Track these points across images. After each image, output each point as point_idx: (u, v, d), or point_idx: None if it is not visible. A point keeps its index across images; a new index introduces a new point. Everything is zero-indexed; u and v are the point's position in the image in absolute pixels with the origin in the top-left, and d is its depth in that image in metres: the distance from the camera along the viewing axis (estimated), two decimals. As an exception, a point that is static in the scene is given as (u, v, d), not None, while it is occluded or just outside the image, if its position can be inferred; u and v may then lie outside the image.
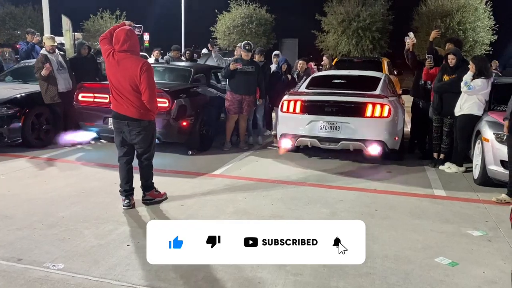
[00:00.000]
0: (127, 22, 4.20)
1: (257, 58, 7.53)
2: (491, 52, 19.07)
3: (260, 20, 21.27)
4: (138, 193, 4.34)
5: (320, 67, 9.52)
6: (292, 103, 6.28)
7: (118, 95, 4.04)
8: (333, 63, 11.48)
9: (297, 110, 6.24)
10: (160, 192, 4.47)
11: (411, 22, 19.13)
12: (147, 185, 4.37)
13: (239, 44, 7.74)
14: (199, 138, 6.59)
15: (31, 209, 4.10)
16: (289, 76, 7.98)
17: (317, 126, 6.07)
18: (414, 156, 6.77)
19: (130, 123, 4.08)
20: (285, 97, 6.49)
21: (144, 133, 4.13)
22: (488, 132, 5.15)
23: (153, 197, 4.39)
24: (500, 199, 4.66)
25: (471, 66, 5.52)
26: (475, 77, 5.48)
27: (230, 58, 7.67)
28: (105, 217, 3.97)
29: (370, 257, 3.28)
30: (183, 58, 11.71)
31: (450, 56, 5.83)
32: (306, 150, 6.70)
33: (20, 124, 6.40)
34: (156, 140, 6.08)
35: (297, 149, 6.66)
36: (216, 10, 22.44)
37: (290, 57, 20.33)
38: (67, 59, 7.31)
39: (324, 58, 10.07)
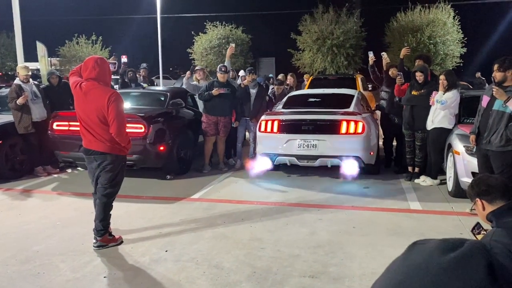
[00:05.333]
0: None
1: (248, 78, 7.31)
2: (461, 64, 19.67)
3: (236, 41, 21.47)
4: (112, 223, 4.27)
5: (286, 87, 9.33)
6: (269, 123, 6.38)
7: (85, 129, 3.85)
8: (308, 81, 11.68)
9: (275, 129, 6.33)
10: (114, 236, 4.03)
11: (384, 38, 19.62)
12: (101, 228, 3.90)
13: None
14: (177, 161, 6.58)
15: (4, 245, 4.01)
16: (267, 97, 8.05)
17: (295, 145, 6.16)
18: (390, 170, 6.88)
19: (96, 157, 3.85)
20: (263, 117, 6.58)
21: (108, 167, 3.85)
22: (458, 145, 5.29)
23: (105, 242, 3.92)
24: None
25: (443, 82, 5.65)
26: (446, 90, 5.65)
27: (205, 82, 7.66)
28: (81, 248, 3.91)
29: (348, 276, 3.32)
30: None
31: (418, 74, 6.01)
32: (285, 168, 6.75)
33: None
34: (134, 167, 6.04)
35: (276, 167, 6.70)
36: (192, 32, 22.59)
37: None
38: (41, 88, 7.24)
39: (289, 76, 9.93)
